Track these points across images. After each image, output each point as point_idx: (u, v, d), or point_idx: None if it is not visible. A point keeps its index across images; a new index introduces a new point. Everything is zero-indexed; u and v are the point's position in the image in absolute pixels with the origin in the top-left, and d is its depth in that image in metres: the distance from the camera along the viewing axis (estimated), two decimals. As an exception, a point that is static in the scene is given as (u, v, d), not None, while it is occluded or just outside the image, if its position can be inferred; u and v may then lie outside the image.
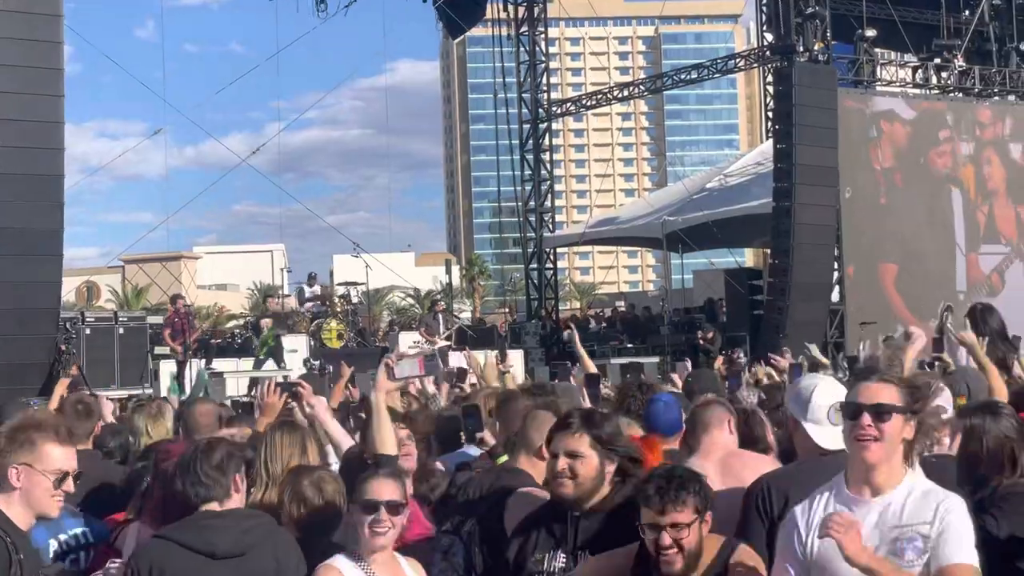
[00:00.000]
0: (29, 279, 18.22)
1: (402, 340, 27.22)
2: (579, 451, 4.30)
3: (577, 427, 4.36)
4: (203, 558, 4.33)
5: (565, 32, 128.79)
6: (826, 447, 4.71)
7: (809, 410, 4.76)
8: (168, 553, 4.34)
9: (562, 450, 4.32)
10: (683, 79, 36.28)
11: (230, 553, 4.35)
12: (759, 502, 4.64)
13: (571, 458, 4.29)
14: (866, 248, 26.99)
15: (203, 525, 4.42)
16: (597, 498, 4.32)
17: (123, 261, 68.76)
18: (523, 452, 5.04)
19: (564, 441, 4.34)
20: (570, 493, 4.28)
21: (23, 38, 18.38)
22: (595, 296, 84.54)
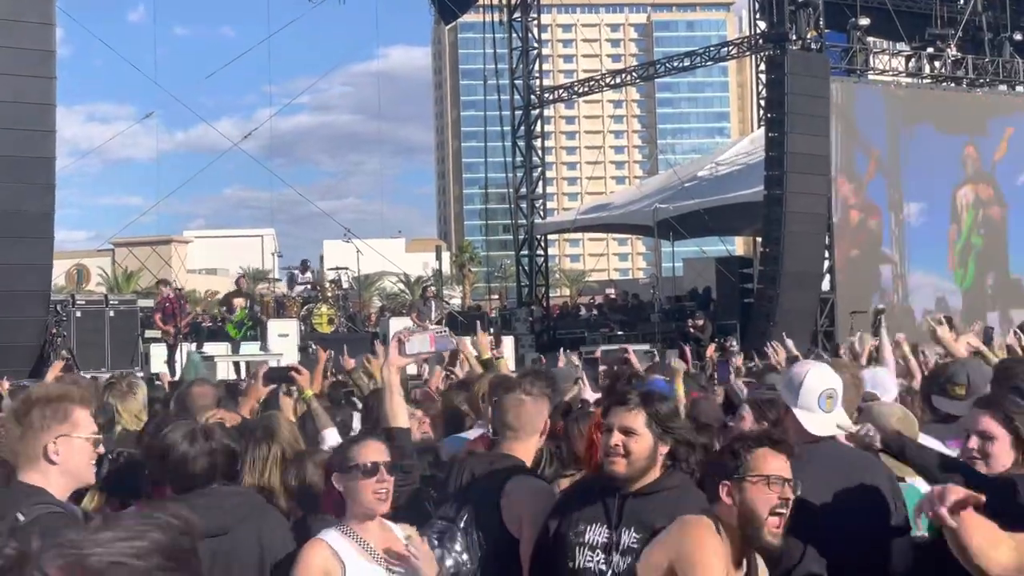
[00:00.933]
0: (20, 261, 18.23)
1: (392, 325, 27.19)
2: (634, 428, 4.20)
3: (635, 404, 4.26)
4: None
5: (557, 19, 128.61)
6: (816, 434, 4.70)
7: (800, 396, 4.75)
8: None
9: (617, 425, 4.22)
10: (675, 67, 36.27)
11: (211, 532, 4.30)
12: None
13: (625, 435, 4.20)
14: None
15: (189, 504, 4.33)
16: (648, 480, 4.23)
17: (113, 245, 68.53)
18: (519, 440, 5.00)
19: (620, 417, 4.23)
20: (622, 471, 4.19)
21: (15, 19, 18.34)
22: (585, 283, 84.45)
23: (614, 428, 4.22)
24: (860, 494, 4.58)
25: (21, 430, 4.03)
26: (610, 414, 4.29)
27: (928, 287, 29.06)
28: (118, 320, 22.75)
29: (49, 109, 18.86)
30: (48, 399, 4.09)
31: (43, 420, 4.02)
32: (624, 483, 4.22)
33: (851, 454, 4.82)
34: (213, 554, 4.31)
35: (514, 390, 5.04)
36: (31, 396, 4.18)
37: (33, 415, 4.04)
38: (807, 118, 25.30)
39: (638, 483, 4.24)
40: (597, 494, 4.31)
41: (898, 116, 28.65)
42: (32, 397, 4.14)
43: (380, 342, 18.22)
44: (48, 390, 4.26)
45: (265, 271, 57.90)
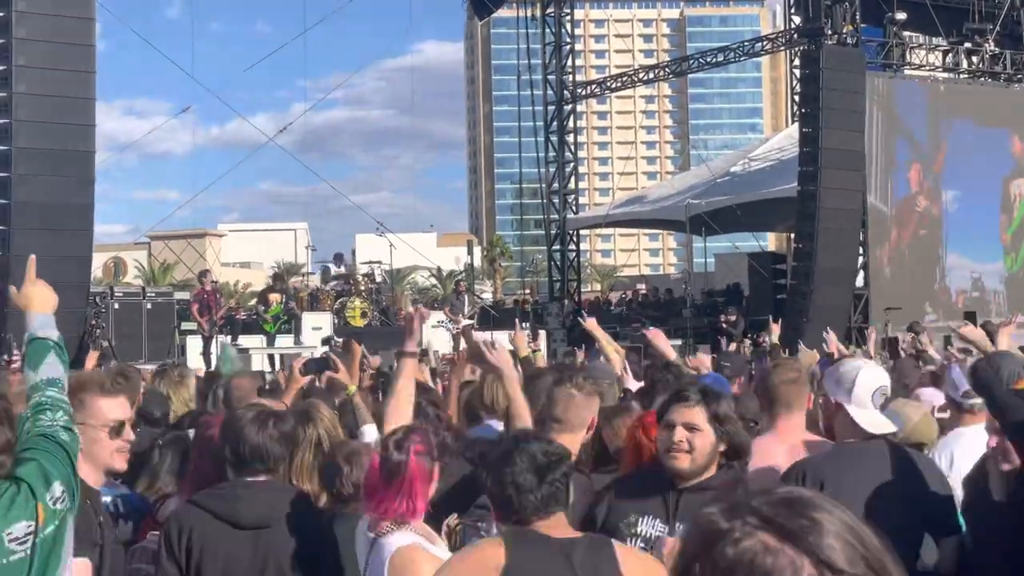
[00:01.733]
0: (60, 253, 18.36)
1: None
2: (697, 424, 4.24)
3: (697, 400, 4.30)
4: (228, 526, 4.34)
5: (590, 14, 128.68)
6: (871, 431, 4.72)
7: (853, 394, 4.77)
8: (197, 519, 4.36)
9: (680, 421, 4.25)
10: (708, 62, 36.19)
11: (254, 524, 4.35)
12: (789, 483, 4.56)
13: (689, 431, 4.23)
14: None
15: (232, 494, 4.42)
16: (704, 476, 4.28)
17: (149, 238, 69.02)
18: (566, 435, 5.00)
19: (682, 413, 4.26)
20: (685, 466, 4.22)
21: (55, 14, 18.52)
22: (616, 278, 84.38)
23: (677, 424, 4.25)
24: (912, 491, 4.59)
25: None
26: (671, 411, 4.32)
27: (963, 269, 29.68)
28: (155, 312, 23.00)
29: (89, 103, 19.03)
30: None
31: None
32: (683, 478, 4.25)
33: (903, 452, 4.83)
34: (254, 547, 4.36)
35: (564, 384, 5.04)
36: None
37: None
38: (842, 113, 25.19)
39: (696, 479, 4.27)
40: (652, 487, 4.32)
41: (937, 109, 28.77)
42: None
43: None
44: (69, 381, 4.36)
45: (298, 265, 58.07)
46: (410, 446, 4.12)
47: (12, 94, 18.24)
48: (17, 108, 18.26)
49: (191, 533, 4.34)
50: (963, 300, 29.00)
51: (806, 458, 4.90)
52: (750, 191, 32.08)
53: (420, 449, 4.12)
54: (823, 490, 4.45)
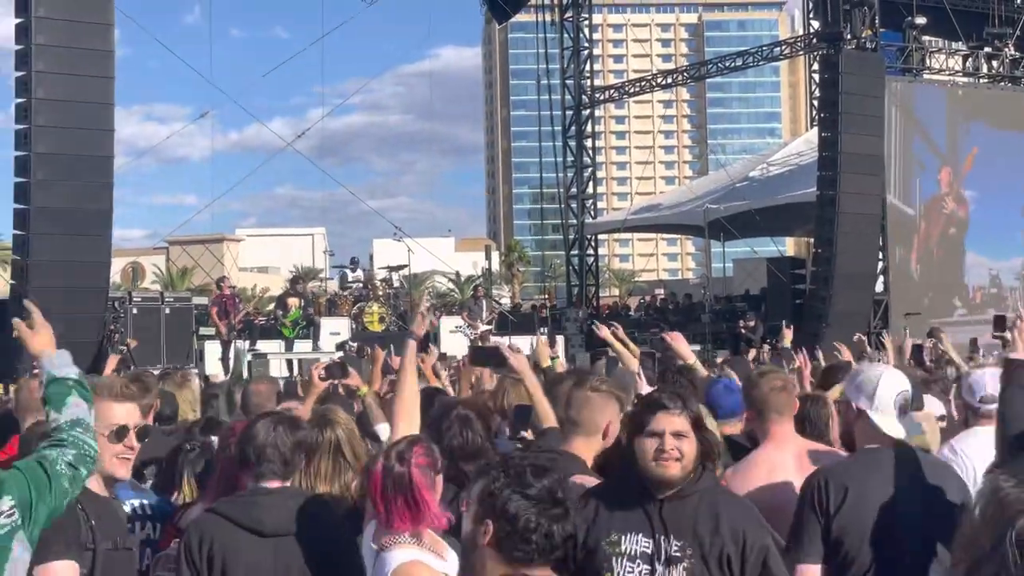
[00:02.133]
0: (79, 258, 18.43)
1: (443, 324, 27.31)
2: (684, 431, 4.15)
3: (681, 407, 4.21)
4: (250, 534, 4.32)
5: (608, 19, 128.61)
6: (895, 436, 4.66)
7: (876, 400, 4.70)
8: (218, 527, 4.34)
9: (669, 430, 4.15)
10: (726, 66, 36.13)
11: (277, 531, 4.32)
12: (815, 497, 4.52)
13: (677, 438, 4.14)
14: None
15: (252, 501, 4.40)
16: (684, 483, 4.17)
17: (167, 243, 69.19)
18: (581, 437, 4.98)
19: (670, 421, 4.16)
20: (677, 474, 4.11)
21: (74, 20, 18.56)
22: (635, 283, 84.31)
23: (665, 432, 4.14)
24: (934, 499, 4.55)
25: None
26: (656, 420, 4.18)
27: (981, 266, 30.10)
28: (173, 317, 23.03)
29: (107, 108, 19.07)
30: None
31: None
32: (669, 487, 4.13)
33: (925, 459, 4.78)
34: (275, 554, 4.33)
35: (583, 386, 5.03)
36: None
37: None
38: (861, 118, 25.10)
39: (673, 488, 4.16)
40: (630, 499, 4.19)
41: (957, 112, 28.76)
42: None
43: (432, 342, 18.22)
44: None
45: (316, 270, 58.21)
46: (411, 458, 4.03)
47: (31, 99, 18.27)
48: (36, 114, 18.29)
49: (212, 541, 4.32)
50: (980, 296, 29.29)
51: (828, 465, 4.86)
52: (769, 196, 32.01)
53: (422, 462, 4.04)
54: (847, 496, 4.45)
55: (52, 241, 18.32)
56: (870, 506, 4.45)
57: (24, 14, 18.46)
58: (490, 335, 26.27)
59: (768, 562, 4.06)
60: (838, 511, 4.43)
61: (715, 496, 4.18)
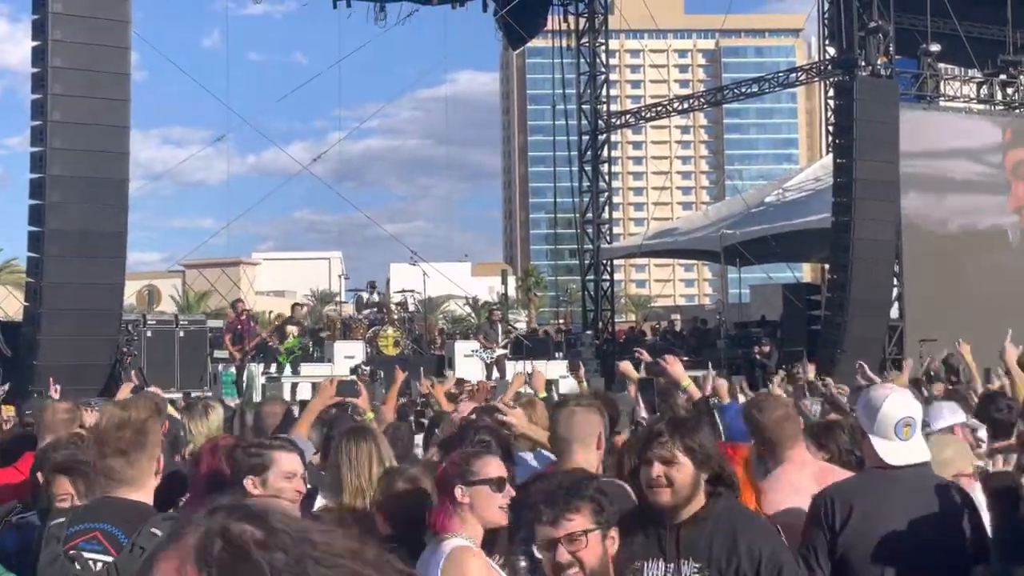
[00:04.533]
0: (93, 281, 18.49)
1: (458, 348, 27.31)
2: (673, 458, 4.19)
3: (669, 434, 4.25)
4: None
5: (625, 44, 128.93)
6: (890, 462, 4.66)
7: (877, 422, 4.71)
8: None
9: (656, 457, 4.20)
10: (743, 92, 36.14)
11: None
12: (822, 513, 4.61)
13: (666, 465, 4.19)
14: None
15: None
16: (694, 507, 4.22)
17: (183, 266, 69.47)
18: (579, 450, 5.06)
19: (657, 448, 4.22)
20: (668, 500, 4.17)
21: (91, 43, 18.67)
22: (651, 309, 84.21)
23: (653, 460, 4.21)
24: (939, 521, 4.56)
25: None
26: (646, 448, 4.29)
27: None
28: (187, 340, 23.06)
29: (123, 131, 19.16)
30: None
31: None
32: (671, 513, 4.20)
33: (931, 481, 4.78)
34: None
35: (566, 405, 5.16)
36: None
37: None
38: (876, 144, 25.07)
39: (685, 511, 4.21)
40: (650, 527, 4.27)
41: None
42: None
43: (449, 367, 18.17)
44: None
45: (332, 293, 58.23)
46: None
47: (47, 122, 18.38)
48: (52, 136, 18.39)
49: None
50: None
51: (834, 484, 4.89)
52: (784, 221, 31.95)
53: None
54: (851, 515, 4.51)
55: (66, 263, 18.40)
56: (875, 525, 4.49)
57: (41, 37, 18.60)
58: (506, 359, 26.26)
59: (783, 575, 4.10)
60: (843, 528, 4.49)
61: (732, 517, 4.22)
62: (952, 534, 4.58)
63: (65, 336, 18.22)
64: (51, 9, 18.34)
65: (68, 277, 18.36)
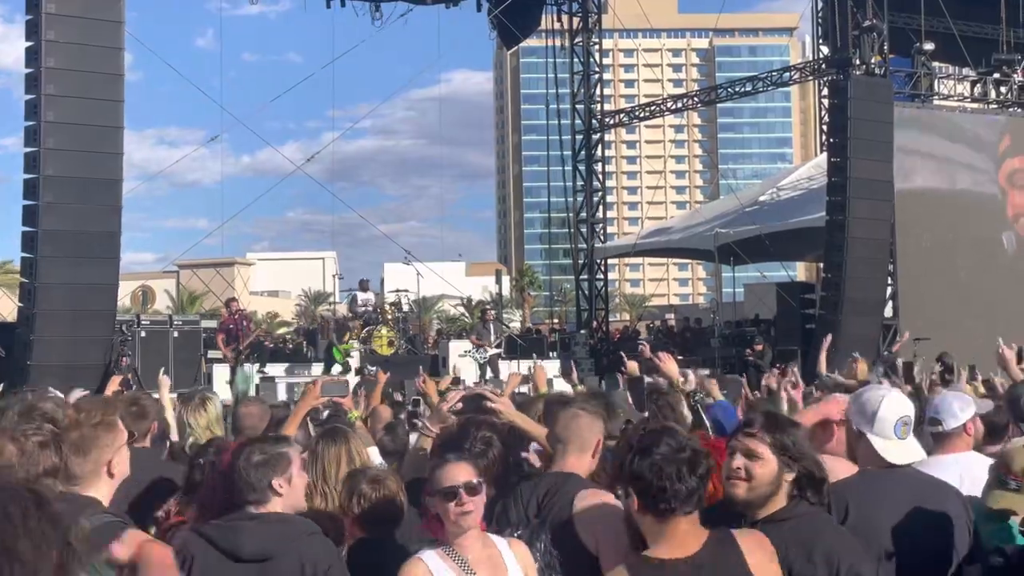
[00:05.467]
0: (86, 281, 18.46)
1: (452, 348, 27.31)
2: (757, 452, 4.12)
3: (759, 428, 4.18)
4: (226, 558, 4.30)
5: (619, 43, 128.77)
6: (892, 461, 4.67)
7: (875, 423, 4.71)
8: (197, 548, 4.33)
9: (739, 449, 4.14)
10: (737, 91, 36.15)
11: (254, 556, 4.30)
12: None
13: (748, 458, 4.11)
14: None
15: (232, 526, 4.38)
16: (772, 507, 4.13)
17: (178, 266, 69.38)
18: (573, 454, 5.00)
19: (742, 440, 4.16)
20: (742, 494, 4.09)
21: (85, 43, 18.64)
22: (645, 308, 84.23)
23: (737, 451, 4.14)
24: (933, 521, 4.58)
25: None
26: (735, 438, 4.22)
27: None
28: (182, 340, 23.05)
29: (116, 131, 19.11)
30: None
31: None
32: (746, 508, 4.12)
33: (925, 481, 4.81)
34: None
35: (571, 406, 5.08)
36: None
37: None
38: (870, 143, 25.10)
39: (764, 510, 4.13)
40: (732, 523, 4.12)
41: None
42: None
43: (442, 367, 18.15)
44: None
45: (326, 293, 58.31)
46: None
47: (41, 122, 18.34)
48: (45, 136, 18.35)
49: (192, 564, 4.31)
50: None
51: (831, 485, 4.88)
52: (779, 220, 31.97)
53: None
54: (847, 515, 4.49)
55: (60, 264, 18.36)
56: (871, 525, 4.49)
57: (35, 37, 18.55)
58: (499, 359, 26.26)
59: None
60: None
61: (813, 523, 4.12)
62: (945, 535, 4.59)
63: (59, 337, 18.20)
64: (45, 10, 18.29)
65: (62, 278, 18.33)
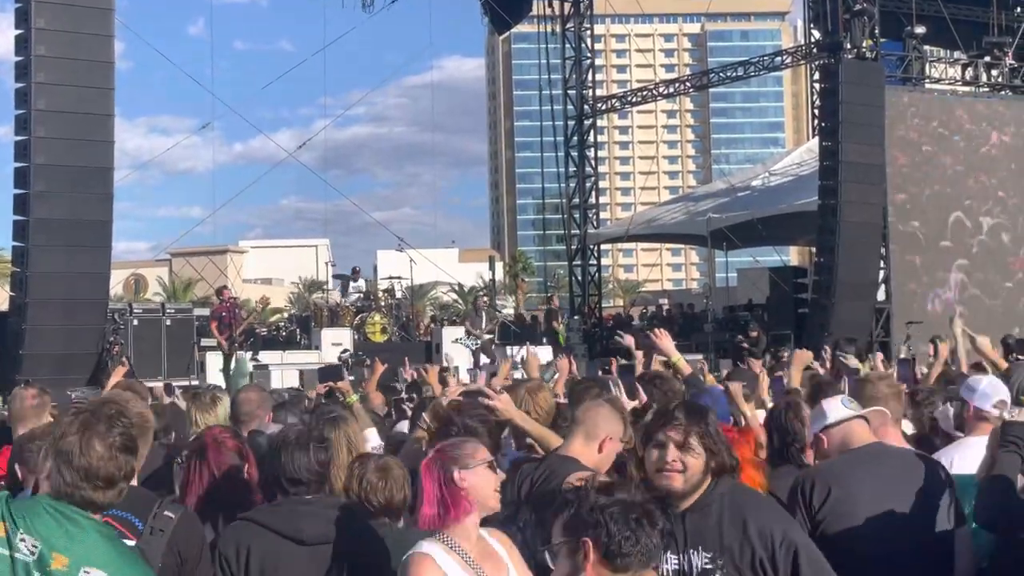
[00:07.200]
0: (79, 270, 18.45)
1: (445, 335, 27.31)
2: (688, 443, 4.10)
3: (685, 419, 4.16)
4: (290, 543, 4.38)
5: (611, 29, 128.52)
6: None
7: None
8: (256, 535, 4.40)
9: (672, 441, 4.10)
10: (729, 76, 36.14)
11: (317, 540, 4.39)
12: (799, 495, 4.70)
13: (681, 450, 4.09)
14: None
15: (292, 511, 4.47)
16: (697, 494, 4.13)
17: (170, 255, 69.30)
18: (580, 438, 5.01)
19: (673, 432, 4.12)
20: (678, 486, 4.07)
21: (74, 31, 18.60)
22: (639, 294, 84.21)
23: (668, 444, 4.11)
24: (917, 490, 4.71)
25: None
26: (660, 431, 4.17)
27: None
28: (174, 328, 23.04)
29: (107, 120, 19.10)
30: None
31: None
32: (677, 499, 4.08)
33: (907, 455, 4.98)
34: (315, 563, 4.38)
35: (596, 394, 5.10)
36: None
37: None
38: (862, 127, 25.10)
39: (690, 500, 4.12)
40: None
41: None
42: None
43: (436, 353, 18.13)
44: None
45: (320, 281, 58.17)
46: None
47: (31, 111, 18.32)
48: (36, 125, 18.33)
49: (250, 551, 4.38)
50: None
51: (814, 466, 4.98)
52: (771, 205, 31.98)
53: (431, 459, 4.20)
54: (830, 496, 4.63)
55: (52, 253, 18.35)
56: (856, 504, 4.58)
57: (24, 25, 18.52)
58: (492, 344, 26.26)
59: (799, 560, 3.98)
60: (820, 510, 4.53)
61: (736, 499, 4.13)
62: (930, 504, 4.71)
63: (51, 326, 18.19)
64: (34, -4, 18.28)
65: (54, 266, 18.31)
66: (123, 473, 3.29)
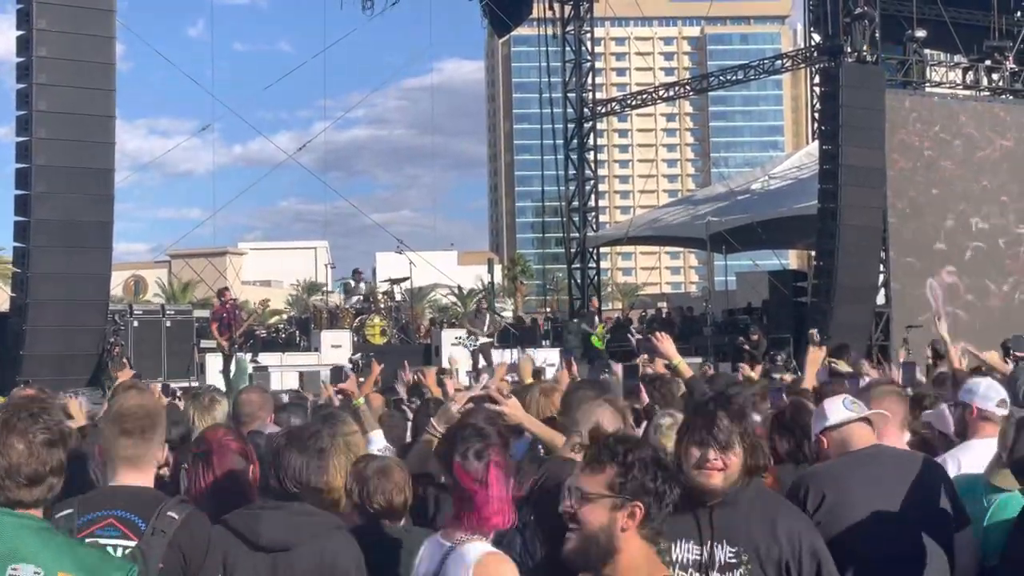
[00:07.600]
0: (78, 271, 18.46)
1: (445, 337, 27.31)
2: (730, 441, 4.11)
3: (728, 418, 4.17)
4: (245, 546, 4.30)
5: (611, 32, 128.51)
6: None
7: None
8: (220, 536, 4.32)
9: (714, 440, 4.11)
10: (729, 79, 36.15)
11: (274, 545, 4.30)
12: (794, 499, 4.66)
13: (723, 449, 4.10)
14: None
15: (255, 514, 4.39)
16: (732, 490, 4.14)
17: (170, 256, 69.26)
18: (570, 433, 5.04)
19: (715, 430, 4.12)
20: (719, 484, 4.08)
21: (75, 32, 18.62)
22: (638, 297, 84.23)
23: (710, 441, 4.12)
24: (915, 493, 4.67)
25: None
26: (705, 428, 4.17)
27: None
28: (174, 330, 23.05)
29: (108, 121, 19.12)
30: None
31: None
32: (713, 496, 4.11)
33: (905, 457, 4.94)
34: (274, 568, 4.29)
35: (600, 396, 5.10)
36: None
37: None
38: (862, 131, 25.10)
39: (724, 494, 4.15)
40: (680, 506, 3.92)
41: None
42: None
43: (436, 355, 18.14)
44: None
45: (319, 283, 58.23)
46: (489, 458, 3.96)
47: (32, 112, 18.34)
48: (37, 126, 18.35)
49: (208, 551, 4.29)
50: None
51: (810, 470, 5.00)
52: (770, 209, 31.99)
53: (499, 461, 3.98)
54: (824, 501, 4.60)
55: (52, 253, 18.36)
56: (851, 508, 4.57)
57: (26, 26, 18.54)
58: (491, 347, 26.26)
59: (822, 571, 4.04)
60: (815, 514, 4.53)
61: (766, 501, 4.18)
62: (930, 507, 4.69)
63: (52, 326, 18.20)
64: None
65: (54, 267, 18.32)
66: (49, 468, 3.26)
